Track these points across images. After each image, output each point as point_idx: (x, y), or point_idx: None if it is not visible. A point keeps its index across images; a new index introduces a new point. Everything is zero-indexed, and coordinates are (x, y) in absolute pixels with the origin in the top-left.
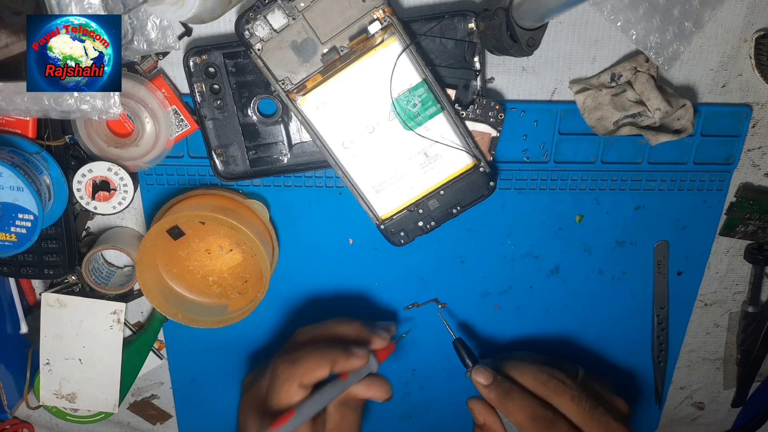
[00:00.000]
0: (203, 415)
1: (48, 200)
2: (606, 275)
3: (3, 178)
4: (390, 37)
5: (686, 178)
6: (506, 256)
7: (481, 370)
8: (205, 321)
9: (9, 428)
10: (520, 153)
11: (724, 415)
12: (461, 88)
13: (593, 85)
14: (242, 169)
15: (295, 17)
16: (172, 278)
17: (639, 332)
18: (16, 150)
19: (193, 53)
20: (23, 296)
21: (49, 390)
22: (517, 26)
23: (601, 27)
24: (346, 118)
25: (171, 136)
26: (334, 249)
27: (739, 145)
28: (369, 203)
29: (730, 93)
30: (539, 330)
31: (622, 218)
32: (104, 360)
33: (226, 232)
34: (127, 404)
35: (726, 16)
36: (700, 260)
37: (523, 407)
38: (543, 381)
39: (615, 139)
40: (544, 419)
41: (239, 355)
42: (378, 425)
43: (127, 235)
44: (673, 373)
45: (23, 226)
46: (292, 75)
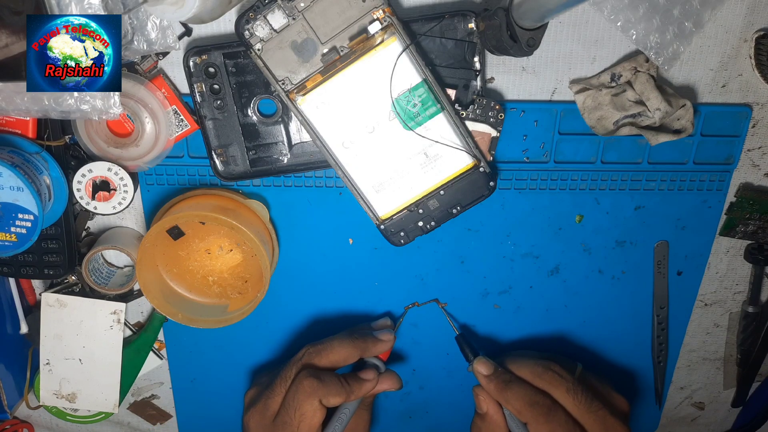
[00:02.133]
0: (203, 415)
1: (48, 200)
2: (606, 275)
3: (3, 178)
4: (390, 37)
5: (686, 178)
6: (506, 256)
7: (483, 361)
8: (205, 321)
9: (9, 428)
10: (520, 153)
11: (724, 415)
12: (461, 88)
13: (593, 85)
14: (242, 169)
15: (295, 17)
16: (172, 278)
17: (639, 332)
18: (16, 150)
19: (193, 53)
20: (23, 296)
21: (49, 390)
22: (517, 26)
23: (601, 27)
24: (346, 118)
25: (171, 136)
26: (334, 249)
27: (739, 145)
28: (369, 203)
29: (730, 93)
30: (539, 330)
31: (622, 218)
32: (104, 360)
33: (226, 232)
34: (127, 404)
35: (726, 16)
36: (700, 260)
37: (522, 395)
38: (539, 373)
39: (615, 139)
40: (542, 405)
41: (239, 355)
42: (378, 425)
43: (127, 235)
44: (673, 373)
45: (23, 226)
46: (292, 75)
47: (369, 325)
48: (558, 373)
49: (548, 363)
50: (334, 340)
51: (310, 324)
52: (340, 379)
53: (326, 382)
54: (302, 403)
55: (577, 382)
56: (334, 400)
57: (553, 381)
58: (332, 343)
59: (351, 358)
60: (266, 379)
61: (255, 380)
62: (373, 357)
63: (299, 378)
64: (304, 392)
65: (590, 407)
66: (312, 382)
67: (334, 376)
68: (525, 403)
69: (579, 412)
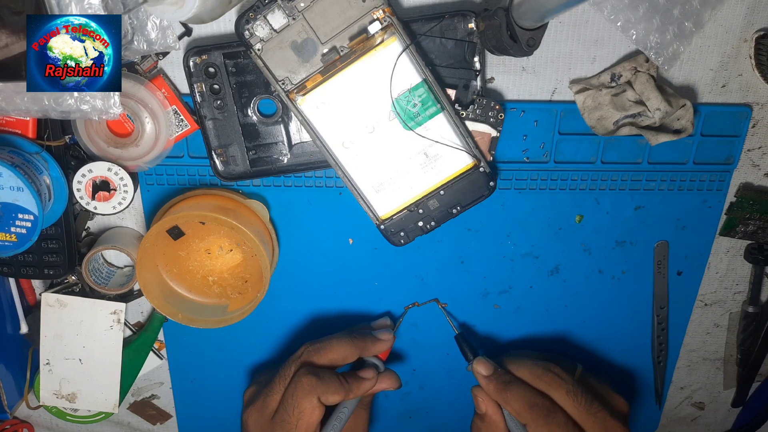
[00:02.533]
0: (203, 415)
1: (48, 200)
2: (606, 275)
3: (3, 178)
4: (390, 37)
5: (686, 178)
6: (506, 256)
7: (483, 361)
8: (205, 321)
9: (9, 428)
10: (520, 153)
11: (724, 415)
12: (461, 88)
13: (593, 85)
14: (242, 169)
15: (295, 17)
16: (172, 278)
17: (639, 332)
18: (16, 150)
19: (193, 53)
20: (23, 296)
21: (49, 390)
22: (517, 26)
23: (601, 27)
24: (346, 118)
25: (171, 136)
26: (334, 249)
27: (739, 145)
28: (369, 203)
29: (730, 93)
30: (539, 330)
31: (622, 218)
32: (104, 360)
33: (226, 232)
34: (127, 404)
35: (726, 16)
36: (700, 260)
37: (521, 396)
38: (538, 374)
39: (615, 139)
40: (542, 407)
41: (239, 355)
42: (378, 425)
43: (127, 235)
44: (673, 373)
45: (23, 226)
46: (292, 75)
47: (369, 325)
48: (558, 375)
49: (548, 364)
50: (333, 338)
51: (310, 324)
52: (339, 377)
53: (325, 379)
54: (301, 401)
55: (577, 384)
56: (333, 397)
57: (553, 382)
58: (332, 341)
59: (350, 356)
60: (265, 378)
61: (254, 378)
62: (373, 356)
63: (298, 376)
64: (302, 390)
65: (590, 409)
66: (311, 379)
67: (334, 375)
68: (524, 404)
69: (579, 414)
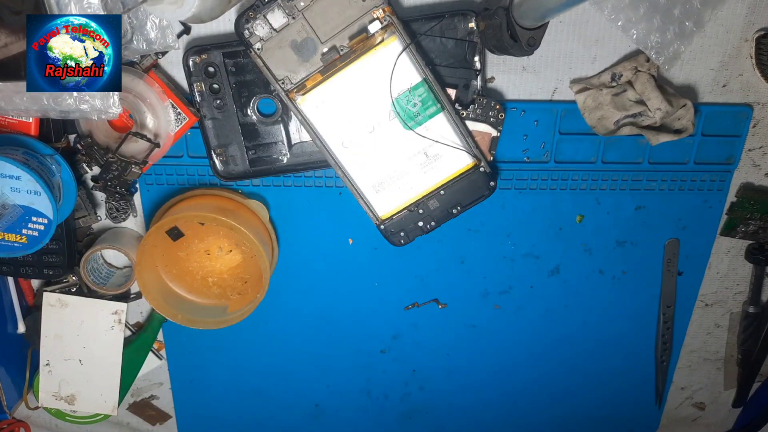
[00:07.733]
0: (202, 416)
1: (58, 203)
2: (606, 275)
3: (21, 181)
4: (390, 37)
5: (687, 178)
6: (506, 256)
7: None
8: (205, 322)
9: (5, 428)
10: (521, 153)
11: (725, 416)
12: (461, 87)
13: (594, 85)
14: (242, 169)
15: (294, 17)
16: (171, 279)
17: (639, 332)
18: (30, 152)
19: (192, 53)
20: (22, 296)
21: (49, 392)
22: (517, 26)
23: (601, 26)
24: (346, 118)
25: (171, 132)
26: (334, 249)
27: (740, 144)
28: (369, 203)
29: (730, 93)
30: (539, 330)
31: (623, 218)
32: (104, 361)
33: (225, 232)
34: (127, 405)
35: (726, 16)
36: (701, 260)
37: None
38: None
39: (615, 139)
40: None
41: (239, 356)
42: (378, 425)
43: (126, 236)
44: (673, 373)
45: (36, 229)
46: (292, 74)
47: None
48: None
49: None
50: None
51: (309, 324)
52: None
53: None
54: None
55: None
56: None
57: None
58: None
59: None
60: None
61: None
62: None
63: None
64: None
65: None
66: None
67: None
68: None
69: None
